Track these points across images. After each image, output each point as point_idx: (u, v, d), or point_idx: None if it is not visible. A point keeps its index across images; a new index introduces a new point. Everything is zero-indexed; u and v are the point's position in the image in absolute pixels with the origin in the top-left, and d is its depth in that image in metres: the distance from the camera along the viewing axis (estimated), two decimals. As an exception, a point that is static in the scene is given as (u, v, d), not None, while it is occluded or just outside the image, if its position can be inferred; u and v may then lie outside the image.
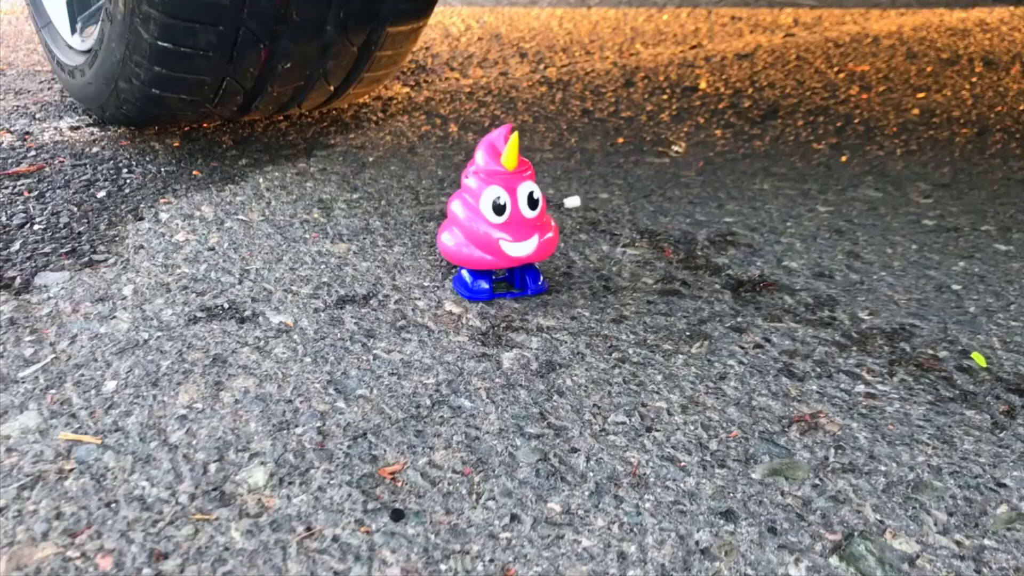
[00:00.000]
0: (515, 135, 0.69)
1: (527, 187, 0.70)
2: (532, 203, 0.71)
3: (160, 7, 0.96)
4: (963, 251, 0.92)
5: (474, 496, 0.51)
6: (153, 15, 0.97)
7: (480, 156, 0.71)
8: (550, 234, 0.72)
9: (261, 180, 1.06)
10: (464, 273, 0.75)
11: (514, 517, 0.49)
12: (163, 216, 0.93)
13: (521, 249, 0.70)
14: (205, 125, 1.32)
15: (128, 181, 1.04)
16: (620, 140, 1.33)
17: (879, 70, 1.87)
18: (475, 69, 1.83)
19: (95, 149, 1.16)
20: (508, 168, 0.70)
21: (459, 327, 0.72)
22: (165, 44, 1.00)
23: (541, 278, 0.77)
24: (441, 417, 0.59)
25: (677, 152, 1.28)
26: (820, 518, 0.50)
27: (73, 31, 1.25)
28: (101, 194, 0.99)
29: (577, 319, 0.74)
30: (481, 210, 0.70)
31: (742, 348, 0.70)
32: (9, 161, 1.10)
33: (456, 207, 0.72)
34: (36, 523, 0.47)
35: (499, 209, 0.69)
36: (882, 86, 1.72)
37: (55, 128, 1.27)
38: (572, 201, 0.80)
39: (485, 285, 0.74)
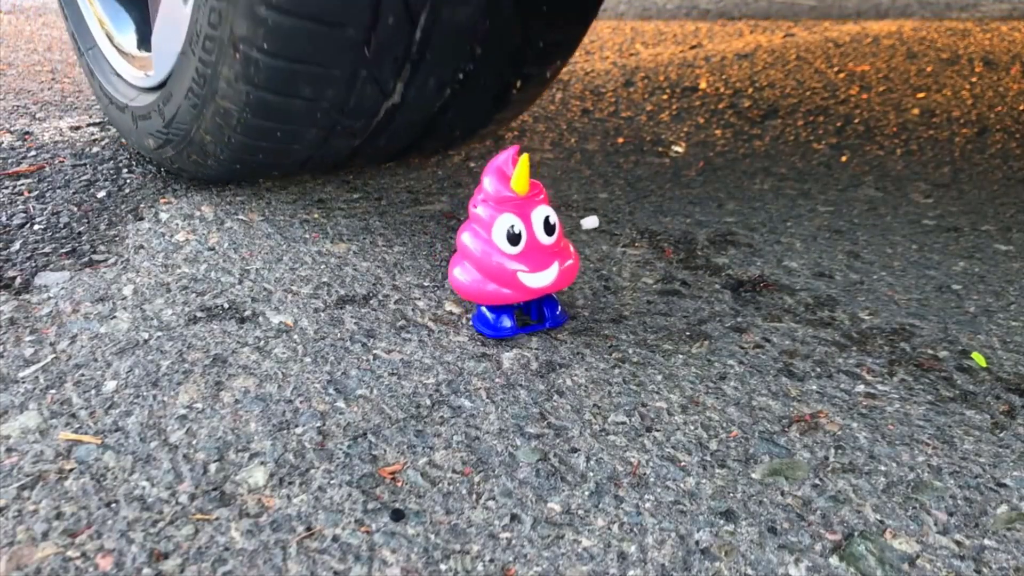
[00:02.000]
0: (524, 157, 0.64)
1: (542, 212, 0.65)
2: (549, 228, 0.65)
3: (240, 130, 0.82)
4: (963, 251, 0.92)
5: (474, 496, 0.51)
6: (234, 140, 0.85)
7: (488, 182, 0.65)
8: (570, 261, 0.67)
9: (261, 180, 1.06)
10: (484, 310, 0.70)
11: (514, 517, 0.49)
12: (163, 216, 0.93)
13: (541, 280, 0.65)
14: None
15: (128, 181, 1.04)
16: (620, 140, 1.33)
17: (879, 70, 1.87)
18: (475, 69, 1.83)
19: (95, 149, 1.16)
20: (519, 193, 0.64)
21: (459, 327, 0.72)
22: (236, 166, 0.92)
23: (559, 308, 0.72)
24: (441, 417, 0.59)
25: (677, 152, 1.28)
26: (820, 518, 0.50)
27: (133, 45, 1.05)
28: (101, 194, 0.99)
29: (577, 319, 0.74)
30: (494, 241, 0.64)
31: (742, 348, 0.70)
32: (9, 161, 1.10)
33: (467, 239, 0.66)
34: (36, 523, 0.47)
35: (514, 239, 0.64)
36: (882, 86, 1.73)
37: (55, 128, 1.27)
38: (590, 222, 0.76)
39: (508, 323, 0.69)
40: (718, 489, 0.52)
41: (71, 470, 0.52)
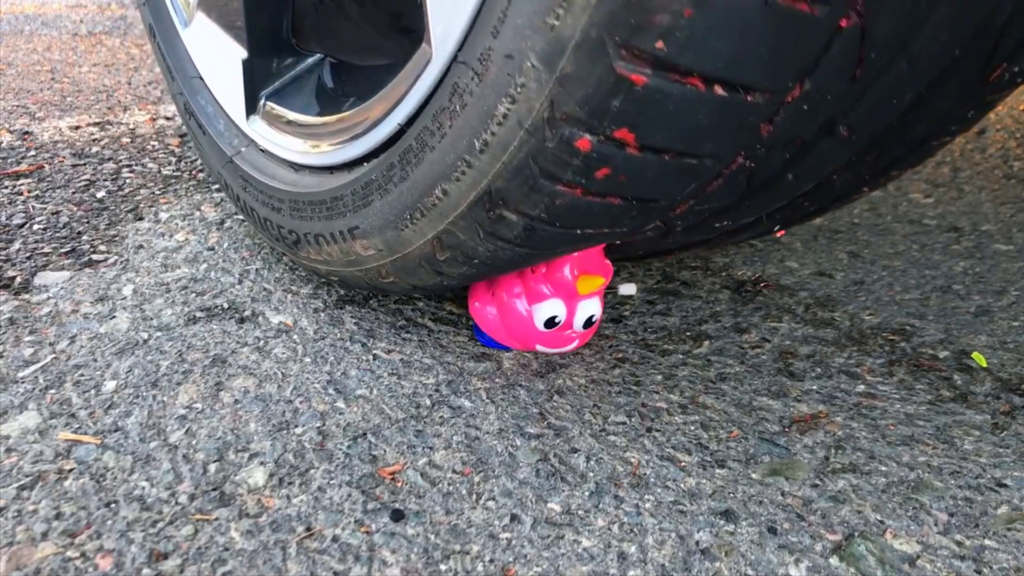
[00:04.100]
0: (602, 280, 0.62)
1: (590, 307, 0.64)
2: (587, 324, 0.65)
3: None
4: (963, 251, 0.92)
5: (474, 496, 0.51)
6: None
7: (564, 260, 0.61)
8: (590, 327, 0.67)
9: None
10: None
11: (514, 517, 0.49)
12: (163, 216, 0.93)
13: (556, 350, 0.67)
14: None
15: (128, 181, 1.04)
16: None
17: (879, 70, 1.87)
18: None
19: (95, 149, 1.16)
20: (580, 292, 0.63)
21: (459, 327, 0.71)
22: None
23: None
24: (441, 417, 0.59)
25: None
26: (820, 518, 0.50)
27: (252, 111, 0.73)
28: (101, 194, 0.99)
29: (577, 319, 0.74)
30: (534, 316, 0.64)
31: (742, 348, 0.70)
32: (9, 160, 1.10)
33: (507, 293, 0.64)
34: (36, 523, 0.47)
35: (551, 325, 0.64)
36: (882, 86, 1.72)
37: (55, 127, 1.27)
38: (627, 288, 0.77)
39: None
40: (718, 489, 0.52)
41: (71, 470, 0.52)
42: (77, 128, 1.27)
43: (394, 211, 0.55)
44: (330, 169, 0.64)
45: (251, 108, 0.73)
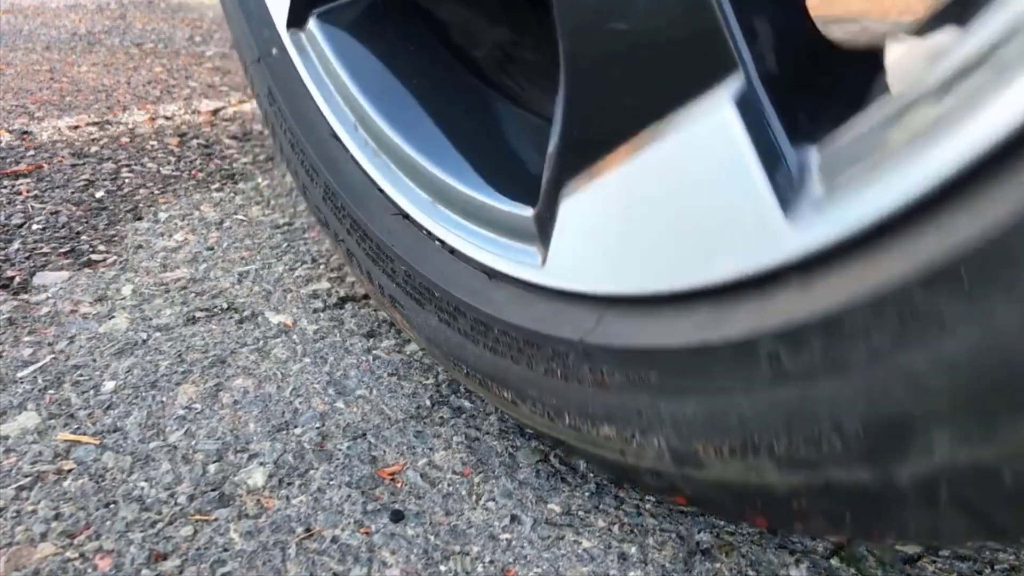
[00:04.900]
0: None
1: None
2: None
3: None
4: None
5: (474, 497, 0.51)
6: None
7: None
8: None
9: (261, 180, 1.06)
10: None
11: (514, 518, 0.49)
12: (162, 216, 0.93)
13: None
14: (206, 128, 1.32)
15: (127, 181, 1.04)
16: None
17: (879, 70, 1.87)
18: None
19: (94, 148, 1.16)
20: None
21: (459, 327, 0.71)
22: None
23: None
24: (441, 417, 0.59)
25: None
26: (821, 519, 0.50)
27: (294, 24, 0.54)
28: (100, 193, 0.99)
29: (577, 319, 0.74)
30: None
31: (742, 348, 0.70)
32: (8, 160, 1.10)
33: None
34: (35, 524, 0.47)
35: None
36: (882, 86, 1.72)
37: (54, 127, 1.27)
38: None
39: None
40: (718, 490, 0.52)
41: (70, 471, 0.52)
42: (76, 128, 1.27)
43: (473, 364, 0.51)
44: (385, 195, 0.48)
45: (295, 20, 0.52)
